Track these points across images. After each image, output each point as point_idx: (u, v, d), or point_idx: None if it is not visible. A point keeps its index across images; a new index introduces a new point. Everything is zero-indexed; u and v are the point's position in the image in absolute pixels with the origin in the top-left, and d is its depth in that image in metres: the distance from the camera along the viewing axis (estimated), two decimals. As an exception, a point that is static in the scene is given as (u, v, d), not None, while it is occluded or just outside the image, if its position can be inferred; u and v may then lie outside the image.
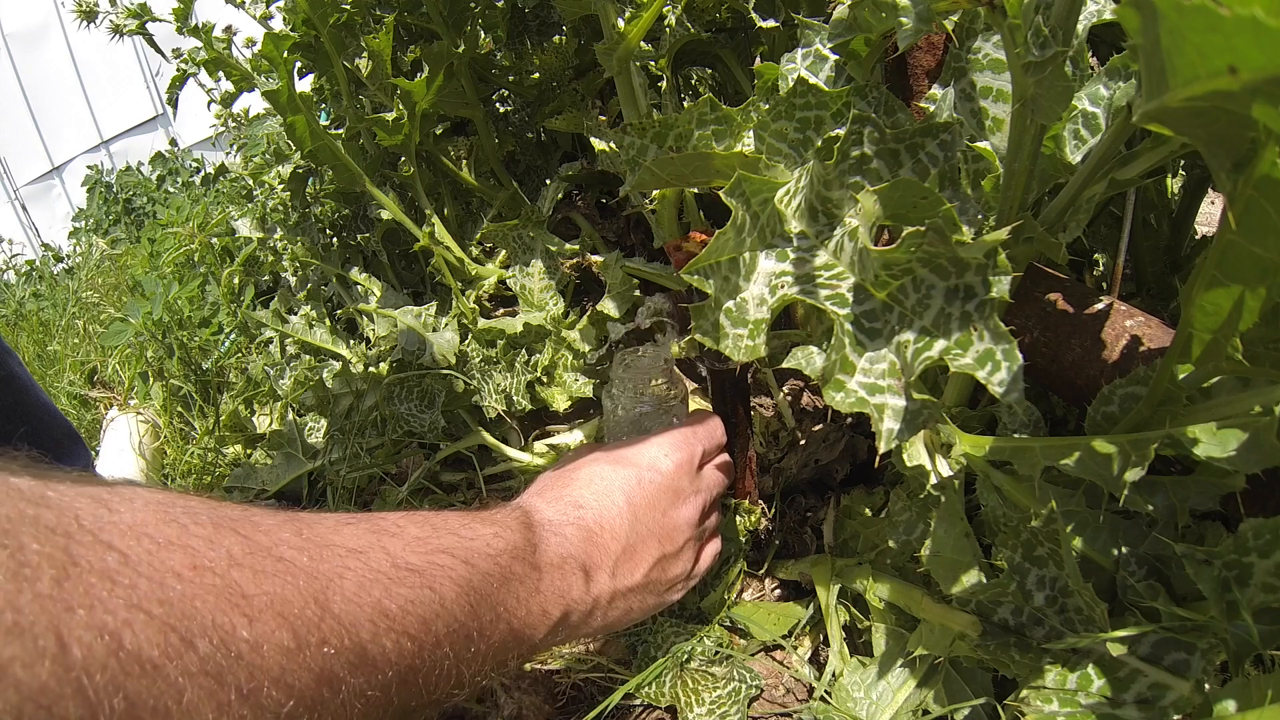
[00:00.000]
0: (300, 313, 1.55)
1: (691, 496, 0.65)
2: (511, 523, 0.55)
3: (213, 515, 0.35)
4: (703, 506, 0.66)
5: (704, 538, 0.69)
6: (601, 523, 0.60)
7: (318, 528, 0.41)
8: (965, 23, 0.61)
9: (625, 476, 0.63)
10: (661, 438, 0.67)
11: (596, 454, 0.66)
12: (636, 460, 0.64)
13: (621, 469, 0.64)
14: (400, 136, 1.15)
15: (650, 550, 0.62)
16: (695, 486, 0.66)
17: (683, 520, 0.64)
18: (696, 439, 0.69)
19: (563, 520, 0.59)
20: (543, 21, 1.27)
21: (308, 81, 1.43)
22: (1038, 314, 0.64)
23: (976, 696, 0.62)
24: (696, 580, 0.68)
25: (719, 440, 0.72)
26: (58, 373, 2.06)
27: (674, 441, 0.67)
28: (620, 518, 0.61)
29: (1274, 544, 0.47)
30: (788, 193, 0.50)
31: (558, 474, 0.65)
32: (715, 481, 0.70)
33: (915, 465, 0.64)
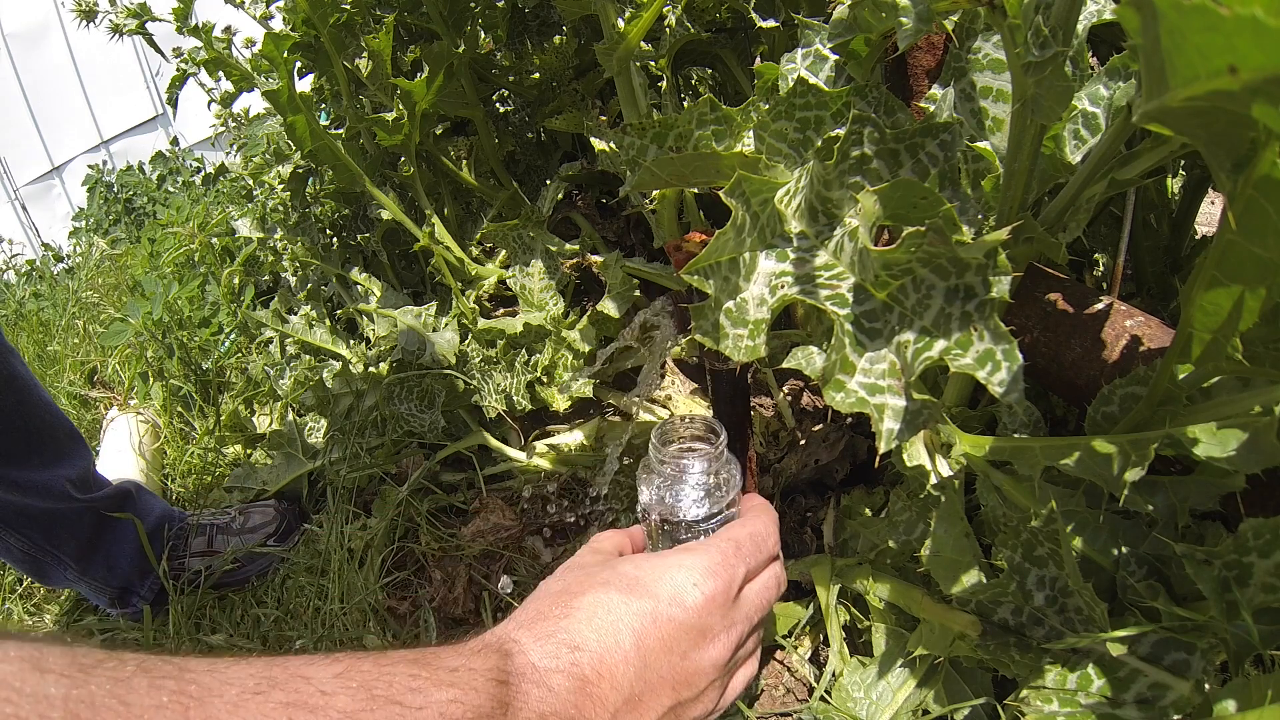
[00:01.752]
0: (300, 313, 1.55)
1: (722, 634, 0.53)
2: (479, 680, 0.44)
3: (69, 700, 0.29)
4: (737, 642, 0.55)
5: (733, 670, 0.57)
6: (600, 670, 0.49)
7: (211, 706, 0.33)
8: (965, 23, 0.61)
9: (638, 612, 0.51)
10: (693, 559, 0.54)
11: (606, 569, 0.55)
12: (656, 590, 0.52)
13: (635, 601, 0.52)
14: (400, 136, 1.15)
15: (661, 699, 0.51)
16: (729, 620, 0.54)
17: (707, 663, 0.53)
18: (740, 559, 0.56)
19: (552, 667, 0.48)
20: (543, 21, 1.27)
21: (308, 81, 1.43)
22: (1038, 314, 0.64)
23: (976, 696, 0.62)
24: (720, 712, 0.57)
25: (769, 553, 0.59)
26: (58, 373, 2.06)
27: (708, 567, 0.54)
28: (625, 664, 0.50)
29: (1274, 544, 0.47)
30: (788, 193, 0.50)
31: (555, 597, 0.53)
32: (758, 606, 0.57)
33: (915, 465, 0.64)
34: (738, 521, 0.59)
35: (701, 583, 0.53)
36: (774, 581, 0.58)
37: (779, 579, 0.59)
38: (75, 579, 1.12)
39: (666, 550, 0.57)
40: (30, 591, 1.32)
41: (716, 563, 0.54)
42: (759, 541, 0.57)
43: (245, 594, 1.16)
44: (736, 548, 0.56)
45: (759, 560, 0.57)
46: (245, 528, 1.20)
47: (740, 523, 0.59)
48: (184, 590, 1.15)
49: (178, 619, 1.11)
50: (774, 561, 0.59)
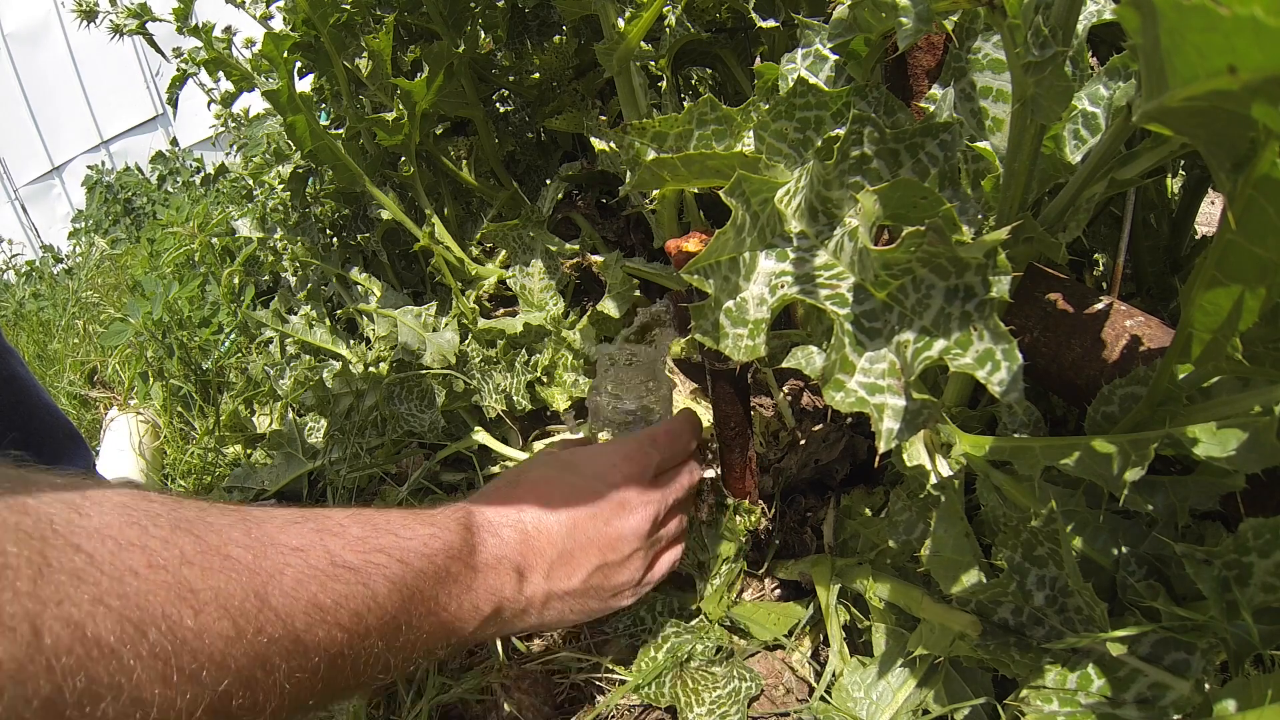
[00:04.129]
0: (300, 313, 1.55)
1: (640, 508, 0.65)
2: (451, 523, 0.56)
3: (171, 517, 0.39)
4: (654, 517, 0.66)
5: (659, 546, 0.69)
6: (540, 527, 0.61)
7: (266, 526, 0.44)
8: (965, 23, 0.61)
9: (569, 485, 0.64)
10: (616, 446, 0.68)
11: (550, 457, 0.69)
12: (584, 469, 0.66)
13: (567, 476, 0.65)
14: (400, 136, 1.15)
15: (589, 558, 0.62)
16: (646, 498, 0.66)
17: (628, 530, 0.64)
18: (655, 448, 0.69)
19: (501, 522, 0.60)
20: (543, 21, 1.27)
21: (308, 81, 1.43)
22: (1038, 314, 0.64)
23: (976, 696, 0.62)
24: (649, 587, 0.68)
25: (684, 446, 0.73)
26: (58, 373, 2.06)
27: (626, 452, 0.67)
28: (559, 524, 0.62)
29: (1274, 544, 0.47)
30: (788, 192, 0.50)
31: (509, 475, 0.67)
32: (673, 490, 0.69)
33: (915, 465, 0.64)
34: (668, 421, 0.75)
35: (620, 464, 0.66)
36: (686, 472, 0.72)
37: (691, 470, 0.73)
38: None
39: (595, 444, 0.73)
40: (30, 591, 1.32)
41: (634, 448, 0.68)
42: (673, 436, 0.72)
43: (245, 594, 1.15)
44: (652, 439, 0.70)
45: (674, 450, 0.71)
46: (245, 528, 1.20)
47: (667, 423, 0.74)
48: (184, 590, 1.15)
49: (178, 619, 1.11)
50: (689, 458, 0.74)
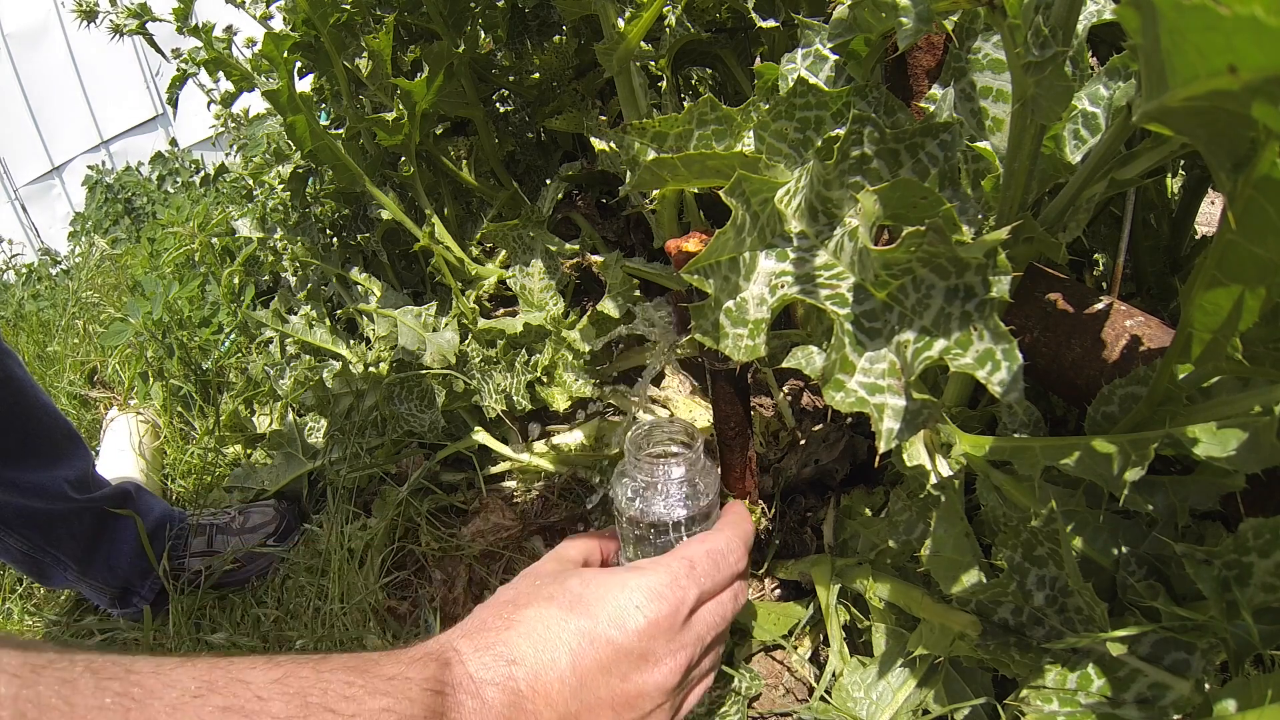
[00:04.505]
0: (300, 313, 1.55)
1: (668, 659, 0.51)
2: (414, 690, 0.43)
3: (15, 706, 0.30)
4: (686, 666, 0.53)
5: (686, 690, 0.55)
6: (536, 686, 0.48)
7: (150, 708, 0.33)
8: (965, 23, 0.61)
9: (576, 631, 0.50)
10: (640, 579, 0.53)
11: (556, 588, 0.53)
12: (596, 610, 0.51)
13: (574, 619, 0.50)
14: (400, 136, 1.15)
15: (603, 716, 0.50)
16: (676, 644, 0.52)
17: (651, 686, 0.51)
18: (692, 580, 0.54)
19: (487, 679, 0.47)
20: (543, 21, 1.27)
21: (308, 81, 1.43)
22: (1038, 314, 0.64)
23: (976, 696, 0.62)
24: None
25: (730, 570, 0.57)
26: (58, 373, 2.06)
27: (654, 589, 0.52)
28: (561, 682, 0.48)
29: (1274, 544, 0.47)
30: (788, 192, 0.50)
31: (500, 608, 0.52)
32: (711, 625, 0.55)
33: (915, 465, 0.64)
34: (699, 537, 0.57)
35: (645, 605, 0.51)
36: (730, 600, 0.56)
37: (736, 597, 0.57)
38: (75, 579, 1.12)
39: (619, 568, 0.55)
40: (30, 591, 1.32)
41: (665, 584, 0.52)
42: (718, 559, 0.55)
43: (245, 594, 1.16)
44: (690, 568, 0.54)
45: (716, 580, 0.55)
46: (245, 528, 1.20)
47: (701, 538, 0.57)
48: (184, 590, 1.15)
49: (178, 619, 1.11)
50: (735, 580, 0.57)
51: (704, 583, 0.54)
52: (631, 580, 0.52)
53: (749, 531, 0.59)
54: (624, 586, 0.52)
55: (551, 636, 0.50)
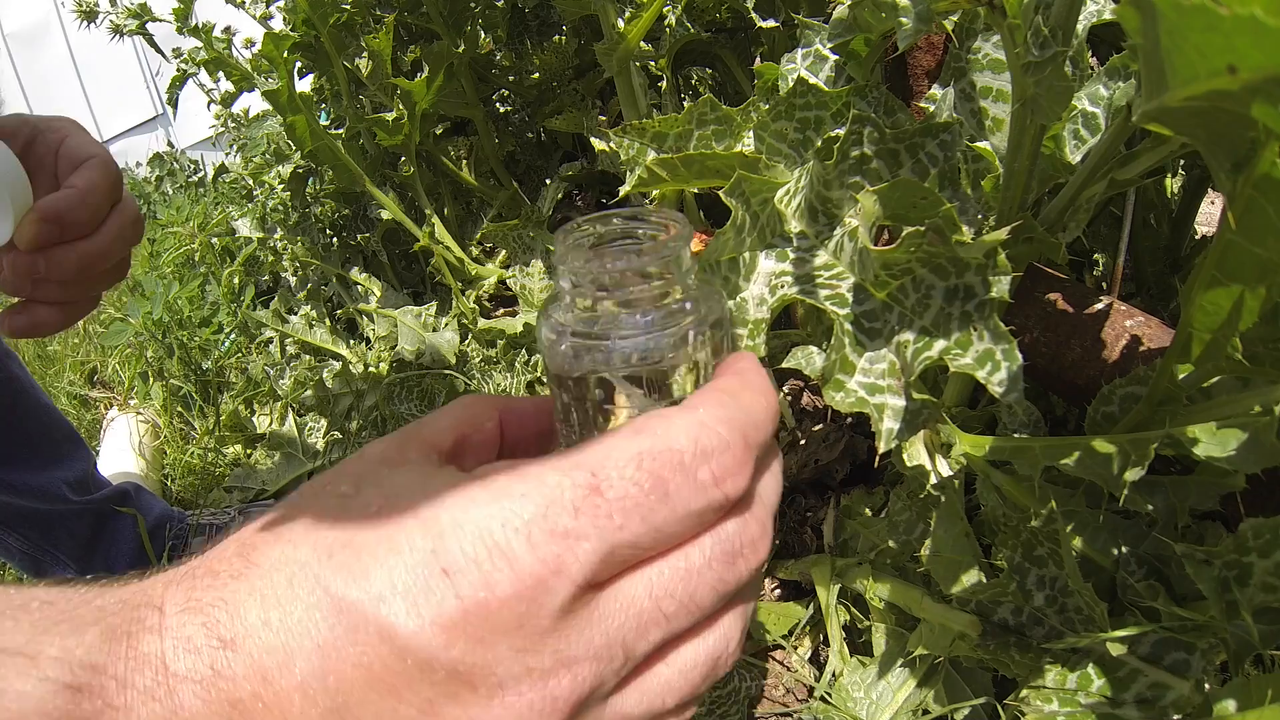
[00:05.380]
0: (300, 313, 1.55)
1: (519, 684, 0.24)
2: (30, 682, 0.24)
3: None
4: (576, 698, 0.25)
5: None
6: (264, 695, 0.24)
7: None
8: (965, 23, 0.61)
9: (334, 605, 0.24)
10: (479, 510, 0.24)
11: (329, 505, 0.27)
12: (374, 568, 0.24)
13: (335, 578, 0.25)
14: (400, 136, 1.15)
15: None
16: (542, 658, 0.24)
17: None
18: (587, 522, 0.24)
19: (184, 670, 0.25)
20: (543, 21, 1.27)
21: (308, 81, 1.43)
22: (1038, 314, 0.64)
23: (976, 696, 0.62)
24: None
25: (706, 502, 0.25)
26: (57, 373, 2.06)
27: (493, 534, 0.24)
28: (305, 695, 0.24)
29: (1274, 544, 0.47)
30: (788, 193, 0.50)
31: (246, 536, 0.28)
32: (648, 618, 0.26)
33: (915, 465, 0.64)
34: (640, 423, 0.26)
35: (466, 571, 0.23)
36: (708, 563, 0.26)
37: (736, 556, 0.26)
38: (74, 578, 1.12)
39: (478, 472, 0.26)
40: (30, 591, 1.32)
41: (520, 525, 0.24)
42: (665, 473, 0.25)
43: (245, 594, 1.15)
44: (589, 493, 0.24)
45: (659, 521, 0.25)
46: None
47: (639, 426, 0.26)
48: (184, 590, 1.15)
49: (178, 619, 1.11)
50: (724, 518, 0.26)
51: (624, 527, 0.24)
52: (462, 509, 0.24)
53: (759, 414, 0.27)
54: (437, 521, 0.24)
55: (295, 604, 0.25)
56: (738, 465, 0.26)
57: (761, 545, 0.27)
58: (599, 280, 0.29)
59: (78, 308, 0.65)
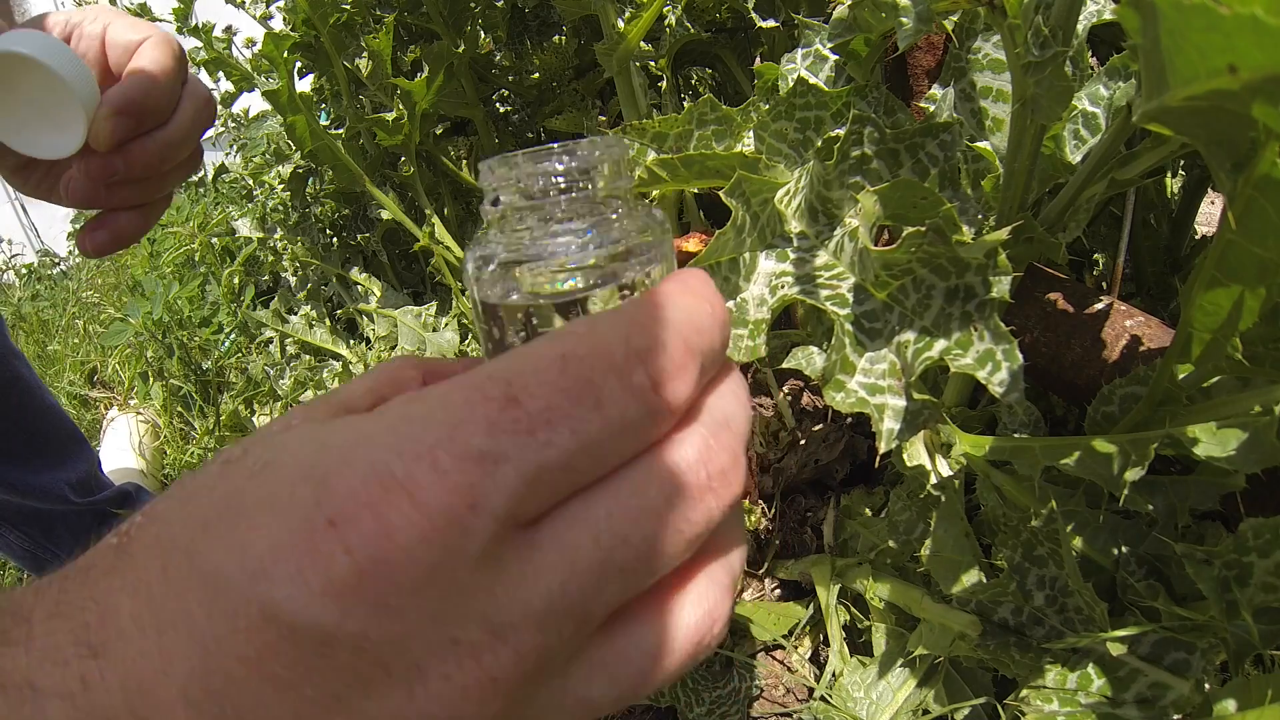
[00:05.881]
0: (300, 313, 1.55)
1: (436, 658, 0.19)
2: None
3: None
4: (514, 677, 0.19)
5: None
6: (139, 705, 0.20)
7: None
8: (965, 23, 0.61)
9: (211, 587, 0.19)
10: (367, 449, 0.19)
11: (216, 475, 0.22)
12: (249, 533, 0.19)
13: (211, 551, 0.19)
14: (400, 136, 1.15)
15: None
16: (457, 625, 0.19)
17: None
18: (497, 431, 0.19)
19: (53, 687, 0.20)
20: (543, 21, 1.27)
21: (308, 81, 1.43)
22: (1038, 314, 0.64)
23: (976, 696, 0.62)
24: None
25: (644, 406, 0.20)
26: (58, 373, 2.06)
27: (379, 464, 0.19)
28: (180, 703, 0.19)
29: (1274, 544, 0.47)
30: (788, 193, 0.50)
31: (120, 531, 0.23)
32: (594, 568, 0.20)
33: (915, 465, 0.64)
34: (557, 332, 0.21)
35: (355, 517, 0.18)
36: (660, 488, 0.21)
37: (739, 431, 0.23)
38: None
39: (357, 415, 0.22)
40: (30, 591, 1.32)
41: (412, 452, 0.19)
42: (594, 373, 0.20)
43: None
44: (504, 404, 0.19)
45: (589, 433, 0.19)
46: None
47: (560, 334, 0.21)
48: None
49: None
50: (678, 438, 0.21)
51: (551, 443, 0.19)
52: (350, 448, 0.20)
53: (701, 317, 0.22)
54: (321, 466, 0.19)
55: (169, 594, 0.20)
56: (677, 368, 0.20)
57: (734, 477, 0.22)
58: (527, 189, 0.25)
59: (155, 209, 0.58)
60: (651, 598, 0.22)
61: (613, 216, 0.26)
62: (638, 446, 0.21)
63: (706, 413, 0.22)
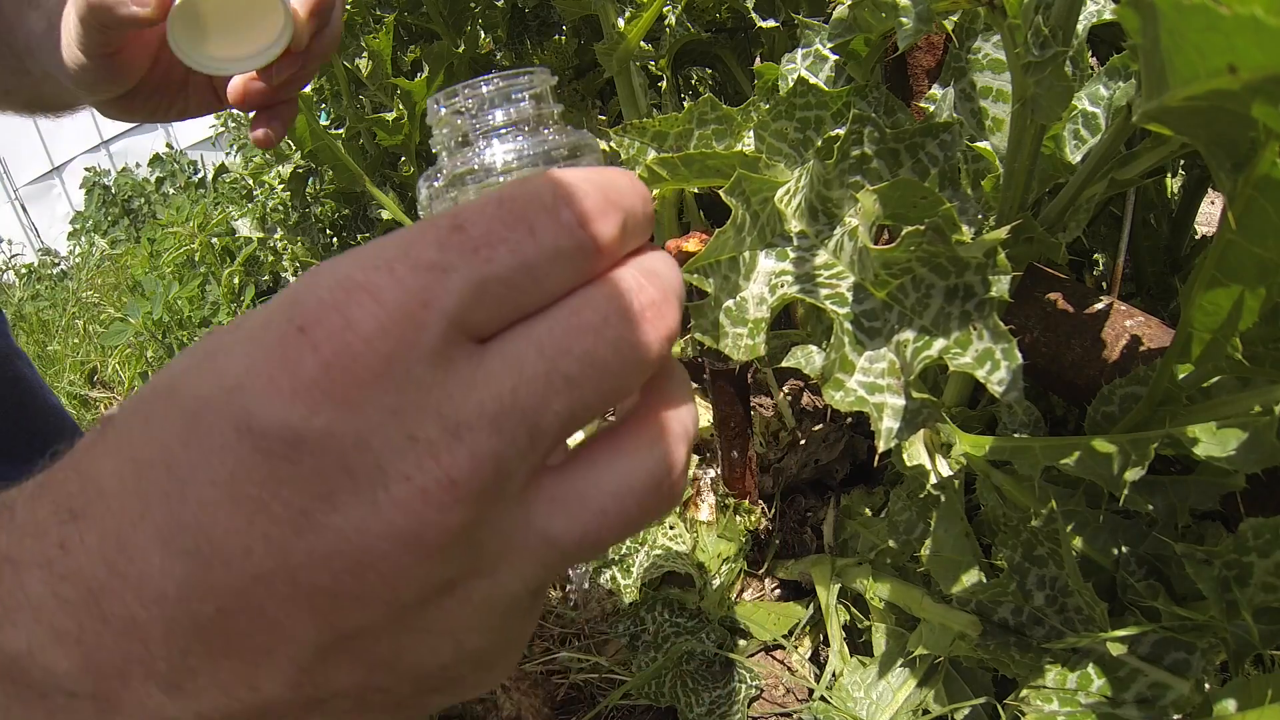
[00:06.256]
0: (300, 313, 1.55)
1: (406, 455, 0.19)
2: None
3: None
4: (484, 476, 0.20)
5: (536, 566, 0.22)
6: (117, 560, 0.20)
7: None
8: (965, 23, 0.61)
9: (198, 414, 0.19)
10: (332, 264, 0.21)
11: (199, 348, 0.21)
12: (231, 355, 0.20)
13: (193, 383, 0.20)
14: (400, 136, 1.15)
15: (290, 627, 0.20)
16: (424, 421, 0.19)
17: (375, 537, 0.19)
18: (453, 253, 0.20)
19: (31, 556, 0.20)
20: (543, 21, 1.27)
21: (308, 81, 1.43)
22: (1038, 314, 0.64)
23: (976, 696, 0.62)
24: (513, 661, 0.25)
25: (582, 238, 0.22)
26: (58, 373, 2.06)
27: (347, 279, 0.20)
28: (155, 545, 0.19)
29: (1274, 544, 0.47)
30: (788, 192, 0.50)
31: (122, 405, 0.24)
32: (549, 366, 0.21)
33: (915, 465, 0.64)
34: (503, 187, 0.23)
35: (326, 320, 0.19)
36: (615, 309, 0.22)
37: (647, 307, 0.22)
38: None
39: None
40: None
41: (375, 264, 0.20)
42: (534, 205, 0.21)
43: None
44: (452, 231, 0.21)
45: (536, 247, 0.21)
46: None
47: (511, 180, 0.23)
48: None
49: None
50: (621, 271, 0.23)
51: (492, 260, 0.20)
52: (318, 270, 0.21)
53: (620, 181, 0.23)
54: (294, 289, 0.21)
55: (149, 439, 0.20)
56: (599, 212, 0.22)
57: (667, 312, 0.23)
58: (465, 109, 0.28)
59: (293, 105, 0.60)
60: (606, 438, 0.23)
61: (545, 131, 0.29)
62: (574, 279, 0.22)
63: (634, 264, 0.23)
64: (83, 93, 0.55)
